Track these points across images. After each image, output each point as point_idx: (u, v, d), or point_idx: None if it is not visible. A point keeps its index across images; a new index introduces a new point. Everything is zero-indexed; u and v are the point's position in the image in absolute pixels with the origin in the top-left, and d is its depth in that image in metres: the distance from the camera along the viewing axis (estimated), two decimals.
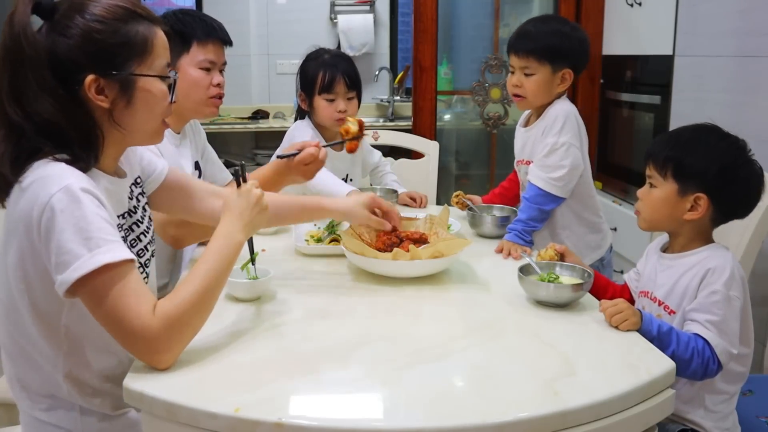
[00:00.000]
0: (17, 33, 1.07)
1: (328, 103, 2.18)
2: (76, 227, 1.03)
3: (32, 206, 1.05)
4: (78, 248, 1.02)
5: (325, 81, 2.16)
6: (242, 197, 1.27)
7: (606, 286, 1.59)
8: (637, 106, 2.93)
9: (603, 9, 3.17)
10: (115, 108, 1.14)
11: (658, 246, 1.52)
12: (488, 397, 1.04)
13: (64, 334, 1.16)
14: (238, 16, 4.36)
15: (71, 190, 1.04)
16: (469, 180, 3.94)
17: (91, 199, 1.06)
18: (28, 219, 1.06)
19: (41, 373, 1.19)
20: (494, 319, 1.36)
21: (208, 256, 1.17)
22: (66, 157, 1.09)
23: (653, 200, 1.44)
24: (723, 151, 1.40)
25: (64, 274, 1.03)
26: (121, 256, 1.05)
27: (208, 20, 1.87)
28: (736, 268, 1.37)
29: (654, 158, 1.45)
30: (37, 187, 1.05)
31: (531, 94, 1.90)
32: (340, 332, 1.28)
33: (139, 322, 1.04)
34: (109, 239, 1.05)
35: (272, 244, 1.81)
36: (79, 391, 1.19)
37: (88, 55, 1.10)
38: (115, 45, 1.11)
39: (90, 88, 1.10)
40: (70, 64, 1.09)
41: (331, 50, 2.27)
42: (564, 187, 1.84)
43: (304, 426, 0.95)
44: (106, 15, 1.11)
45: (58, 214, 1.03)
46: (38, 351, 1.17)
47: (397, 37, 4.61)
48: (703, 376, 1.32)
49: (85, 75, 1.10)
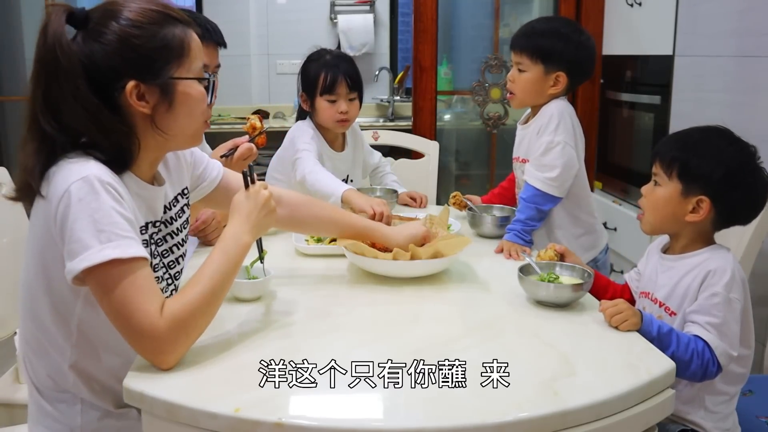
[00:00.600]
0: (52, 44, 1.06)
1: (330, 104, 2.17)
2: (90, 218, 1.03)
3: (52, 196, 1.06)
4: (89, 239, 1.03)
5: (326, 82, 2.15)
6: (250, 199, 1.27)
7: (606, 286, 1.59)
8: (637, 106, 2.93)
9: (603, 9, 3.17)
10: (156, 113, 1.14)
11: (659, 246, 1.52)
12: (488, 397, 1.04)
13: (76, 326, 1.17)
14: (238, 16, 4.36)
15: (90, 180, 1.05)
16: (469, 180, 3.94)
17: (109, 192, 1.06)
18: (48, 206, 1.07)
19: (49, 359, 1.20)
20: (494, 319, 1.36)
21: (216, 257, 1.17)
22: (99, 155, 1.10)
23: (656, 199, 1.44)
24: (730, 156, 1.38)
25: (73, 262, 1.04)
26: (131, 253, 1.05)
27: (202, 22, 1.86)
28: (737, 270, 1.37)
29: (661, 156, 1.44)
30: (60, 176, 1.07)
31: (520, 91, 1.91)
32: (340, 332, 1.28)
33: (147, 321, 1.04)
34: (121, 234, 1.05)
35: (272, 244, 1.81)
36: (84, 383, 1.20)
37: (128, 61, 1.10)
38: (153, 49, 1.11)
39: (131, 95, 1.11)
40: (109, 72, 1.09)
41: (332, 51, 2.27)
42: (560, 187, 1.84)
43: (304, 426, 0.96)
44: (142, 20, 1.11)
45: (75, 202, 1.04)
46: (49, 338, 1.19)
47: (397, 37, 4.62)
48: (703, 377, 1.32)
49: (125, 82, 1.10)
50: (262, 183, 1.32)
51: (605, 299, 1.33)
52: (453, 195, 2.11)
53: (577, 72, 1.89)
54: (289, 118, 4.43)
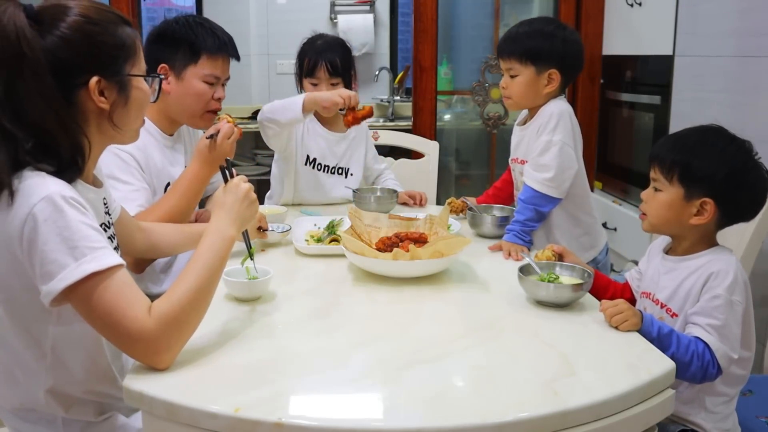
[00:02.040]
0: (15, 38, 1.03)
1: (313, 87, 2.22)
2: (60, 237, 1.02)
3: (13, 218, 1.04)
4: (63, 258, 1.01)
5: (309, 66, 2.22)
6: (230, 192, 1.27)
7: (606, 285, 1.58)
8: (637, 106, 2.93)
9: (603, 9, 3.17)
10: (114, 109, 1.15)
11: (661, 247, 1.51)
12: (488, 397, 1.04)
13: (50, 347, 1.15)
14: (238, 16, 4.36)
15: (53, 199, 1.02)
16: (469, 180, 3.94)
17: (73, 207, 1.04)
18: (10, 231, 1.04)
19: (20, 389, 1.18)
20: (494, 319, 1.36)
21: (200, 254, 1.16)
22: (49, 168, 1.07)
23: (658, 204, 1.43)
24: (731, 155, 1.37)
25: (50, 285, 1.02)
26: (108, 262, 1.04)
27: (220, 34, 1.89)
28: (740, 273, 1.36)
29: (660, 161, 1.43)
30: (19, 199, 1.04)
31: (516, 95, 1.91)
32: (340, 332, 1.28)
33: (136, 325, 1.03)
34: (95, 246, 1.04)
35: (272, 244, 1.81)
36: (61, 403, 1.19)
37: (92, 57, 1.10)
38: (114, 46, 1.14)
39: (94, 91, 1.11)
40: (73, 67, 1.09)
41: (326, 36, 2.29)
42: (558, 188, 1.84)
43: (304, 426, 0.95)
44: (99, 18, 1.11)
45: (41, 224, 1.01)
46: (19, 365, 1.17)
47: (397, 37, 4.62)
48: (703, 379, 1.32)
49: (87, 77, 1.10)
50: (241, 177, 1.32)
51: (606, 299, 1.33)
52: (449, 202, 2.09)
53: (568, 66, 1.89)
54: None
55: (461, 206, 2.08)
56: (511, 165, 2.06)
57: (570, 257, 1.58)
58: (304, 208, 2.26)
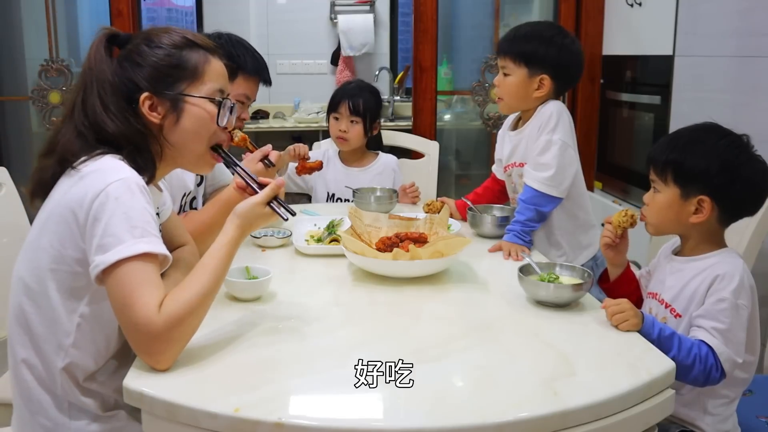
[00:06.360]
0: (92, 57, 1.25)
1: (335, 121, 2.45)
2: (125, 215, 1.10)
3: (86, 192, 1.12)
4: (123, 234, 1.09)
5: (333, 101, 2.47)
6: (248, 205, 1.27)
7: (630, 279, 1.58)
8: (637, 106, 2.93)
9: (603, 9, 3.17)
10: (164, 123, 1.25)
11: (671, 248, 1.51)
12: (488, 397, 1.04)
13: (76, 325, 1.19)
14: (238, 16, 4.36)
15: (128, 182, 1.14)
16: (469, 180, 3.94)
17: (143, 194, 1.15)
18: (79, 203, 1.12)
19: (42, 357, 1.20)
20: (494, 318, 1.36)
21: (211, 259, 1.18)
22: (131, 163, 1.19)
23: (657, 205, 1.43)
24: (722, 149, 1.37)
25: (104, 256, 1.08)
26: (160, 249, 1.12)
27: (259, 57, 2.01)
28: (746, 276, 1.35)
29: (654, 163, 1.43)
30: (96, 177, 1.14)
31: (506, 95, 1.92)
32: (340, 332, 1.28)
33: (144, 312, 1.06)
34: (152, 232, 1.13)
35: (272, 244, 1.81)
36: (75, 384, 1.20)
37: (144, 75, 1.24)
38: (168, 67, 1.25)
39: (144, 104, 1.23)
40: (129, 83, 1.24)
41: (362, 82, 2.54)
42: (558, 187, 1.84)
43: (304, 426, 0.96)
44: (167, 42, 1.27)
45: (112, 200, 1.11)
46: (46, 337, 1.19)
47: (397, 37, 4.62)
48: (705, 382, 1.31)
49: (141, 93, 1.24)
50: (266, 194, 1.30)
51: (621, 294, 1.32)
52: (427, 203, 2.05)
53: (562, 75, 1.89)
54: (290, 117, 4.43)
55: (439, 207, 2.06)
56: (508, 170, 2.04)
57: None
58: (304, 209, 2.26)
